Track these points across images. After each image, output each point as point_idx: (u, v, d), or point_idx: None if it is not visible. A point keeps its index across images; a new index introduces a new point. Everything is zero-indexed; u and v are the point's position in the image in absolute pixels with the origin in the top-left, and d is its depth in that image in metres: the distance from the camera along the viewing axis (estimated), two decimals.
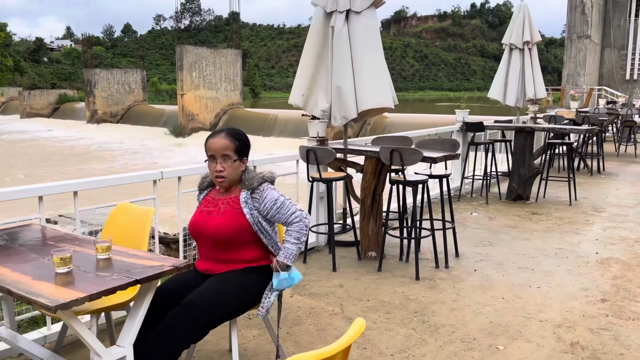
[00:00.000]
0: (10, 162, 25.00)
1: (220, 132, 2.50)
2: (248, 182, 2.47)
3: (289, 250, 2.44)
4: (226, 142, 2.45)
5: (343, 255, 4.75)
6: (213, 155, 2.46)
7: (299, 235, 2.45)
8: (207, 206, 2.53)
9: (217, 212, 2.47)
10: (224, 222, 2.42)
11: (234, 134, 2.50)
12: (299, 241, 2.45)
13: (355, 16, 4.66)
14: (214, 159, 2.46)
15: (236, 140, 2.47)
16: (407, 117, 23.45)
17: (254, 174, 2.50)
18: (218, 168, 2.45)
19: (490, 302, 3.73)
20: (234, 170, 2.47)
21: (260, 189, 2.46)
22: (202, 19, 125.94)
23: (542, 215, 6.26)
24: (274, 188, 2.51)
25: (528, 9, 8.69)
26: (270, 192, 2.47)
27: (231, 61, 35.21)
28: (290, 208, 2.46)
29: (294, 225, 2.45)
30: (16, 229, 2.72)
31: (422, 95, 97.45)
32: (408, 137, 5.15)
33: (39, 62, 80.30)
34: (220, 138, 2.46)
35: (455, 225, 4.82)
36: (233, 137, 2.47)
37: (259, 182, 2.47)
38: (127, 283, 1.97)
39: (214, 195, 2.56)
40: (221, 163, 2.45)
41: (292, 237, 2.45)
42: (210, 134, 2.53)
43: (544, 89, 9.14)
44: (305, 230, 2.47)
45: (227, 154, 2.44)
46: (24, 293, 1.85)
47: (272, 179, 2.53)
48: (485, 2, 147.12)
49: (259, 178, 2.48)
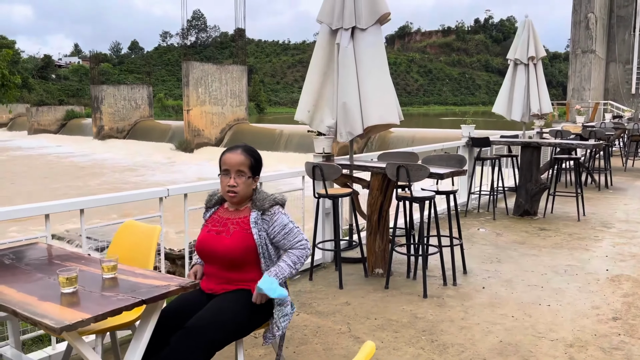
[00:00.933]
0: (13, 178, 25.14)
1: (236, 148, 2.50)
2: (259, 203, 2.46)
3: (282, 270, 2.41)
4: (242, 158, 2.46)
5: (349, 272, 4.70)
6: (228, 169, 2.46)
7: (296, 261, 2.44)
8: (215, 225, 2.51)
9: (226, 232, 2.45)
10: (233, 243, 2.40)
11: (250, 150, 2.51)
12: (294, 266, 2.43)
13: (360, 33, 4.68)
14: (228, 174, 2.46)
15: (251, 157, 2.49)
16: (412, 131, 23.44)
17: (265, 195, 2.49)
18: (231, 183, 2.44)
19: (500, 320, 3.67)
20: (247, 187, 2.47)
21: (271, 211, 2.45)
22: (208, 35, 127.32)
23: (550, 231, 6.20)
24: (284, 212, 2.50)
25: (532, 25, 8.71)
26: (281, 216, 2.47)
27: (237, 77, 35.47)
28: (298, 236, 2.46)
29: (295, 250, 2.46)
30: (22, 247, 2.71)
31: (426, 109, 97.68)
32: (414, 152, 5.13)
33: (47, 79, 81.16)
34: (236, 154, 2.47)
35: (462, 242, 4.77)
36: (249, 153, 2.49)
37: (270, 204, 2.46)
38: (133, 303, 1.95)
39: (223, 214, 2.55)
40: (235, 178, 2.45)
41: (289, 260, 2.43)
42: (227, 149, 2.53)
43: (550, 104, 9.12)
44: (304, 259, 2.47)
45: (242, 169, 2.45)
46: (29, 314, 1.83)
47: (283, 202, 2.52)
48: (489, 17, 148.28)
49: (271, 200, 2.47)
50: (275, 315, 2.43)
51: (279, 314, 2.44)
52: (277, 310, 2.44)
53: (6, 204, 16.13)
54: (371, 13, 4.57)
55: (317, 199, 4.64)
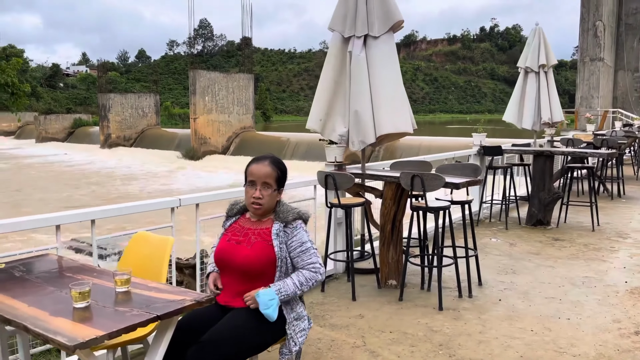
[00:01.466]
0: (21, 186, 25.23)
1: (264, 159, 2.45)
2: (283, 215, 2.40)
3: (286, 287, 2.32)
4: (269, 170, 2.41)
5: (362, 284, 4.62)
6: (254, 181, 2.41)
7: (304, 282, 2.34)
8: (235, 235, 2.45)
9: (247, 242, 2.39)
10: (254, 254, 2.34)
11: (277, 162, 2.46)
12: (300, 286, 2.34)
13: (373, 41, 4.63)
14: (254, 185, 2.41)
15: (278, 169, 2.44)
16: (421, 139, 23.31)
17: (288, 207, 2.44)
18: (257, 195, 2.39)
19: (519, 334, 3.57)
20: (272, 199, 2.42)
21: (293, 224, 2.40)
22: (214, 44, 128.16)
23: (565, 241, 6.09)
24: (305, 229, 2.44)
25: (543, 32, 8.65)
26: (302, 232, 2.41)
27: (243, 85, 35.57)
28: (312, 257, 2.39)
29: (306, 270, 2.37)
30: (32, 259, 2.66)
31: (432, 117, 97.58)
32: (427, 161, 5.06)
33: (55, 88, 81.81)
34: (264, 165, 2.42)
35: (477, 253, 4.68)
36: (276, 165, 2.44)
37: (294, 217, 2.41)
38: (148, 319, 1.89)
39: (244, 224, 2.49)
40: (261, 190, 2.39)
41: (297, 279, 2.34)
42: (253, 159, 2.48)
43: (561, 112, 9.03)
44: (312, 283, 2.37)
45: (269, 182, 2.40)
46: (41, 331, 1.77)
47: (307, 218, 2.46)
48: (494, 25, 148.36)
49: (295, 213, 2.42)
50: (291, 331, 2.36)
51: (295, 329, 2.37)
52: (293, 326, 2.37)
53: (14, 212, 16.09)
54: (384, 20, 4.52)
55: (329, 209, 4.57)
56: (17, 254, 2.75)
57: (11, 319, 1.88)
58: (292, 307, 2.40)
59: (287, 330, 2.35)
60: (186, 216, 3.92)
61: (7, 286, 2.24)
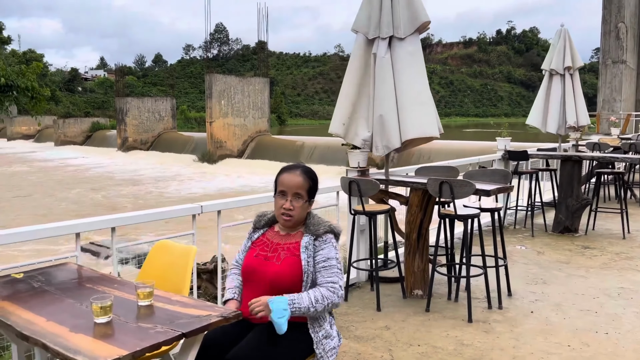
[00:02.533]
0: (37, 190, 25.49)
1: (295, 169, 2.33)
2: (313, 228, 2.27)
3: (301, 300, 2.14)
4: (301, 180, 2.29)
5: (387, 293, 4.47)
6: (285, 191, 2.29)
7: (319, 299, 2.16)
8: (264, 250, 2.33)
9: (276, 258, 2.27)
10: (283, 270, 2.21)
11: (309, 172, 2.33)
12: (314, 303, 2.16)
13: (398, 42, 4.49)
14: (285, 196, 2.29)
15: (310, 180, 2.32)
16: (440, 143, 22.93)
17: (320, 220, 2.31)
18: (287, 206, 2.27)
19: (555, 350, 3.39)
20: (303, 210, 2.30)
21: (324, 237, 2.27)
22: (230, 48, 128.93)
23: (595, 249, 5.87)
24: (335, 245, 2.29)
25: (569, 34, 8.41)
26: (330, 247, 2.27)
27: (259, 89, 35.62)
28: (334, 277, 2.22)
29: (324, 289, 2.20)
30: (51, 268, 2.56)
31: (448, 121, 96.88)
32: (454, 167, 4.89)
33: (74, 92, 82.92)
34: (295, 175, 2.29)
35: (507, 262, 4.50)
36: (308, 175, 2.31)
37: (325, 231, 2.28)
38: (173, 337, 1.77)
39: (272, 238, 2.36)
40: (292, 201, 2.27)
41: (313, 295, 2.17)
42: (284, 168, 2.35)
43: (587, 116, 8.78)
44: (327, 303, 2.18)
45: (300, 192, 2.28)
46: (61, 349, 1.66)
47: (338, 232, 2.33)
48: (511, 28, 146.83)
49: (326, 226, 2.29)
50: (320, 350, 2.22)
51: (325, 347, 2.23)
52: (322, 345, 2.22)
53: (30, 218, 16.10)
54: (411, 21, 4.38)
55: (353, 216, 4.43)
56: (36, 262, 2.66)
57: (29, 335, 1.77)
58: (320, 324, 2.26)
59: (316, 350, 2.21)
60: (203, 219, 3.81)
61: (25, 298, 2.15)
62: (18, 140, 59.20)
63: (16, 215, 18.20)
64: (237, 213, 3.46)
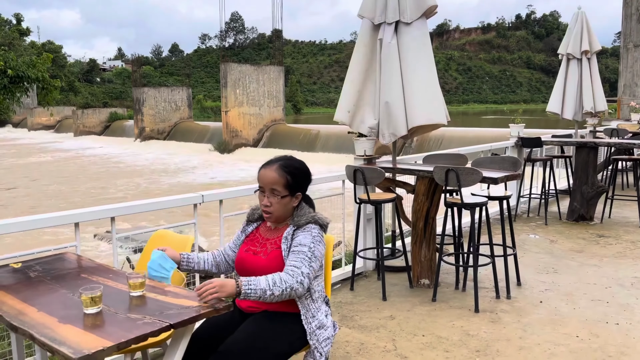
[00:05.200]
0: (58, 178, 25.89)
1: (272, 163, 2.26)
2: (297, 219, 2.23)
3: (258, 283, 2.00)
4: (275, 176, 2.21)
5: (393, 283, 4.42)
6: (262, 187, 2.25)
7: (277, 282, 2.02)
8: (254, 245, 2.31)
9: (263, 252, 2.25)
10: (270, 264, 2.18)
11: (286, 167, 2.24)
12: (271, 286, 2.01)
13: (405, 27, 4.40)
14: (263, 192, 2.25)
15: (288, 174, 2.23)
16: (454, 131, 22.69)
17: (306, 212, 2.26)
18: (265, 202, 2.23)
19: (563, 340, 3.32)
20: (282, 206, 2.24)
21: (304, 227, 2.21)
22: (245, 37, 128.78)
23: (610, 238, 5.73)
24: (315, 235, 2.19)
25: (586, 17, 8.17)
26: (306, 235, 2.17)
27: (274, 78, 35.52)
28: (298, 262, 2.10)
29: (283, 274, 2.07)
30: (50, 258, 2.57)
31: (465, 108, 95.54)
32: (463, 154, 4.80)
33: (92, 82, 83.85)
34: (270, 170, 2.23)
35: (516, 251, 4.41)
36: (284, 170, 2.22)
37: (307, 221, 2.22)
38: (160, 329, 1.75)
39: (264, 234, 2.34)
40: (268, 197, 2.22)
41: (270, 278, 2.03)
42: (264, 163, 2.29)
43: (604, 101, 8.55)
44: (286, 290, 2.03)
45: (276, 188, 2.22)
46: (46, 340, 1.65)
47: (323, 223, 2.24)
48: (530, 12, 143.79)
49: (309, 217, 2.23)
50: (314, 341, 2.19)
51: (318, 338, 2.20)
52: (316, 335, 2.19)
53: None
54: (417, 6, 4.28)
55: (358, 205, 4.38)
56: (35, 252, 2.67)
57: (18, 325, 1.77)
58: (313, 314, 2.22)
59: (310, 341, 2.17)
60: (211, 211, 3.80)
61: (20, 288, 2.15)
62: (39, 130, 60.18)
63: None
64: (242, 202, 3.44)
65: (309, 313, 2.20)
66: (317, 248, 2.18)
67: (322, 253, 2.22)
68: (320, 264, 2.23)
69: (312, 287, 2.22)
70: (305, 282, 2.09)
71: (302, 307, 2.20)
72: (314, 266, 2.14)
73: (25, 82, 9.32)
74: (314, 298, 2.24)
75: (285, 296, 2.05)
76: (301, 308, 2.20)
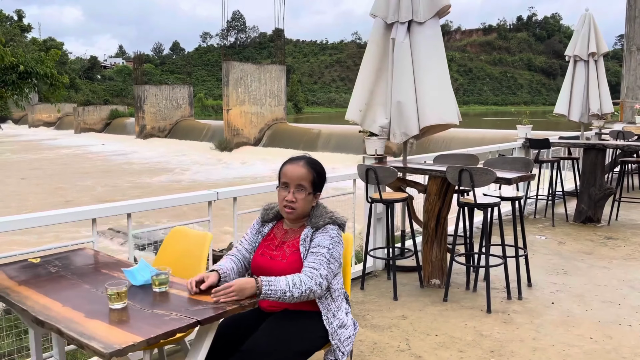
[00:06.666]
0: (58, 176, 25.89)
1: (299, 160, 2.26)
2: (315, 220, 2.22)
3: (279, 284, 2.01)
4: (304, 171, 2.22)
5: (403, 282, 4.42)
6: (287, 183, 2.23)
7: (297, 284, 2.03)
8: (269, 248, 2.28)
9: (281, 256, 2.22)
10: (289, 269, 2.16)
11: (313, 164, 2.26)
12: (291, 287, 2.01)
13: (418, 27, 4.40)
14: (287, 187, 2.23)
15: (314, 171, 2.24)
16: (456, 132, 22.63)
17: (323, 211, 2.25)
18: (290, 198, 2.21)
19: (577, 342, 3.31)
20: (306, 203, 2.23)
21: (324, 229, 2.19)
22: (247, 36, 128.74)
23: (619, 240, 5.73)
24: (334, 236, 2.18)
25: (593, 18, 8.18)
26: (325, 237, 2.16)
27: (275, 77, 35.52)
28: (317, 264, 2.10)
29: (302, 275, 2.07)
30: (68, 253, 2.57)
31: (466, 109, 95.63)
32: (474, 155, 4.80)
33: (93, 80, 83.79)
34: (298, 166, 2.23)
35: (527, 252, 4.41)
36: (311, 167, 2.24)
37: (325, 222, 2.20)
38: (188, 325, 1.75)
39: (279, 236, 2.31)
40: (294, 193, 2.21)
41: (290, 279, 2.04)
42: (288, 160, 2.29)
43: (611, 103, 8.56)
44: (305, 292, 2.03)
45: (303, 184, 2.21)
46: (75, 335, 1.65)
47: (341, 223, 2.24)
48: (532, 14, 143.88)
49: (327, 218, 2.22)
50: (336, 340, 2.18)
51: (340, 337, 2.19)
52: (337, 335, 2.18)
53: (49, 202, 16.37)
54: (430, 5, 4.28)
55: (369, 204, 4.37)
56: (52, 247, 2.67)
57: (44, 320, 1.77)
58: (334, 313, 2.21)
59: (332, 341, 2.16)
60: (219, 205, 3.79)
61: (42, 283, 2.15)
62: (39, 127, 60.14)
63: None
64: (252, 200, 3.44)
65: (330, 313, 2.20)
66: (336, 249, 2.18)
67: (341, 253, 2.23)
68: (339, 264, 2.23)
69: (331, 286, 2.21)
70: (324, 284, 2.10)
71: (323, 307, 2.20)
72: (332, 268, 2.15)
73: (33, 78, 9.32)
74: (334, 297, 2.23)
75: (304, 298, 2.06)
76: (322, 308, 2.19)
